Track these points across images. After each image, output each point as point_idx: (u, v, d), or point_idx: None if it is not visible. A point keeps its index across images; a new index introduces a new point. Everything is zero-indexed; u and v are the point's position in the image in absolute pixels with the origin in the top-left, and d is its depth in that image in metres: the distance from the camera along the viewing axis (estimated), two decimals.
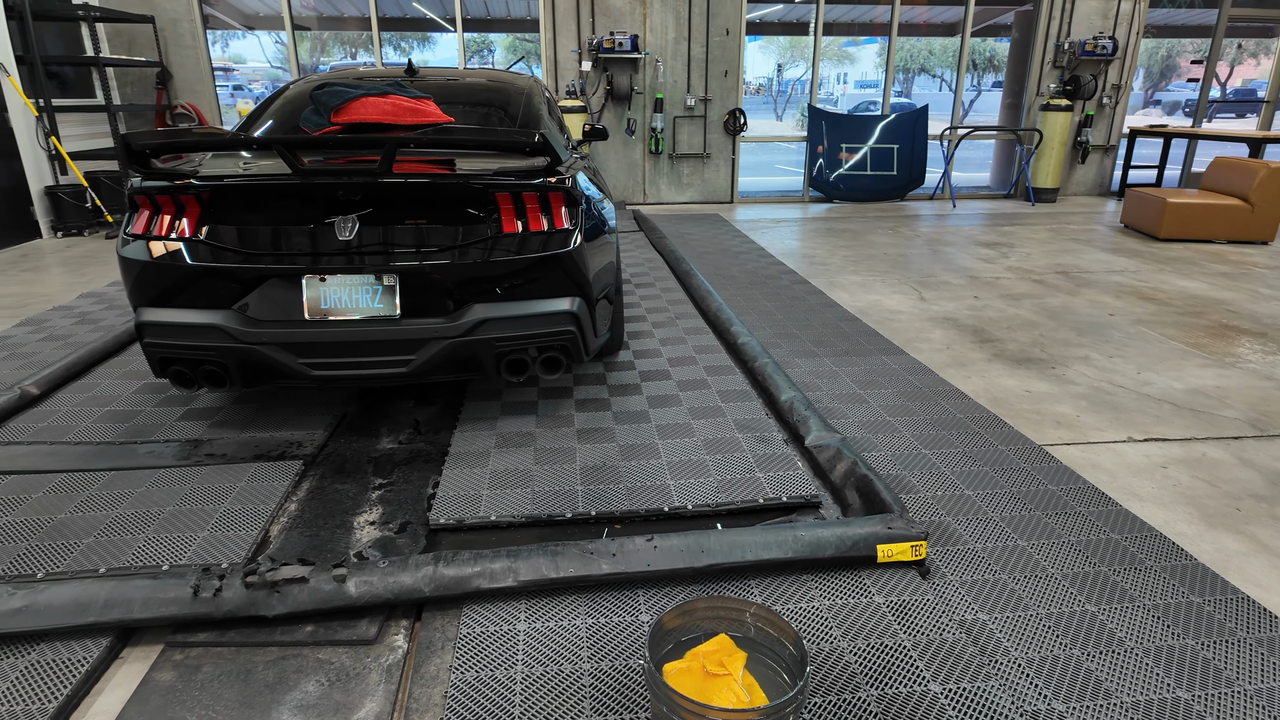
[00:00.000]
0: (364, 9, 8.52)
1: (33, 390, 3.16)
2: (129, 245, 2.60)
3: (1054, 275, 5.62)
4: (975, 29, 10.18)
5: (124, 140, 2.42)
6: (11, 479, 2.56)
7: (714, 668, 1.49)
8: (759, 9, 11.40)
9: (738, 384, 3.40)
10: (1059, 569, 2.14)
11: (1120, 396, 3.40)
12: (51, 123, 6.83)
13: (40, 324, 4.32)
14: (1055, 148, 9.06)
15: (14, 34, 6.64)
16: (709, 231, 7.36)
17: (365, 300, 2.60)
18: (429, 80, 3.65)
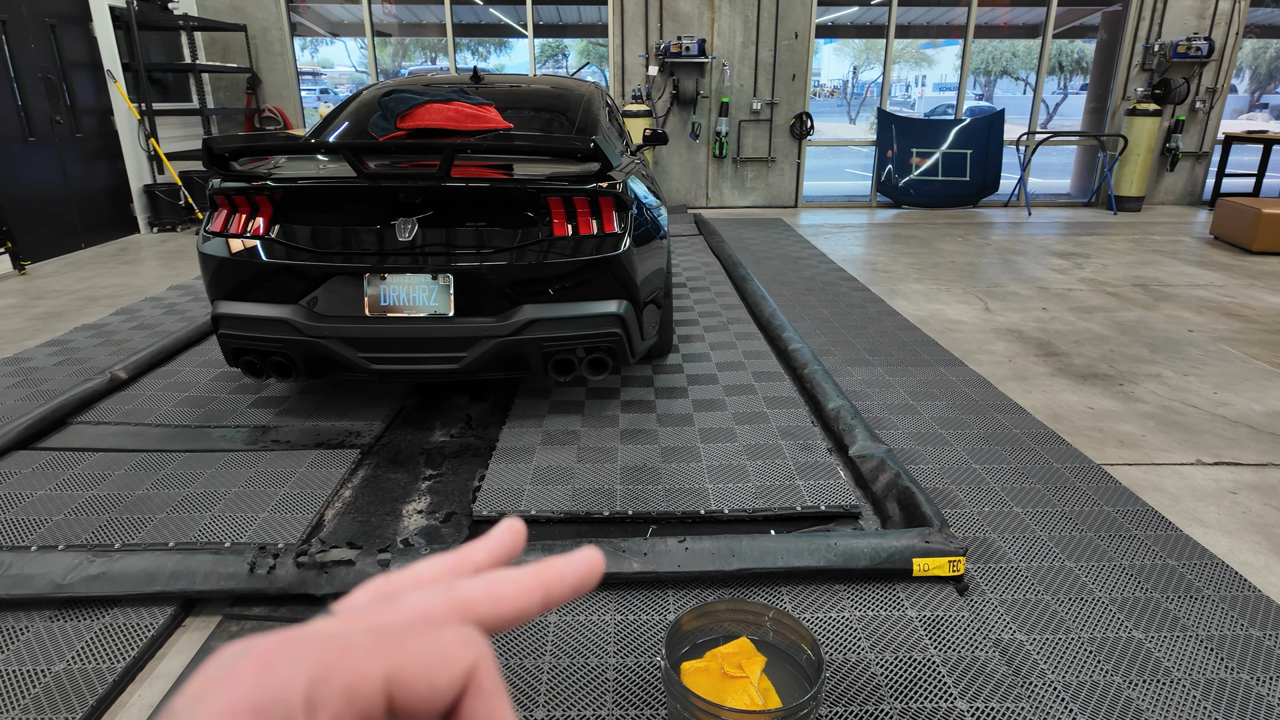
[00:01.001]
0: (441, 16, 8.80)
1: (121, 375, 3.41)
2: (208, 242, 2.78)
3: (1131, 288, 5.38)
4: (1060, 30, 9.80)
5: (205, 144, 2.59)
6: (99, 456, 2.77)
7: (732, 670, 1.51)
8: (831, 12, 11.25)
9: (785, 390, 3.39)
10: (1107, 593, 2.07)
11: (1192, 417, 3.24)
12: (151, 125, 7.30)
13: (133, 313, 4.63)
14: (1141, 154, 8.64)
15: (121, 43, 7.14)
16: (770, 236, 7.31)
17: (421, 299, 2.71)
18: (493, 87, 3.76)
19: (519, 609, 0.27)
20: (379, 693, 0.22)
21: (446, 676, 0.23)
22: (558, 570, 0.28)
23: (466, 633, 0.25)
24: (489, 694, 0.24)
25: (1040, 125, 11.88)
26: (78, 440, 2.91)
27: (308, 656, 0.22)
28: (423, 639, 0.24)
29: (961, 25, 9.13)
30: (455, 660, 0.23)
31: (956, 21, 10.66)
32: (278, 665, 0.21)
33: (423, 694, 0.23)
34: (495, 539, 0.30)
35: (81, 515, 2.39)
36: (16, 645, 1.86)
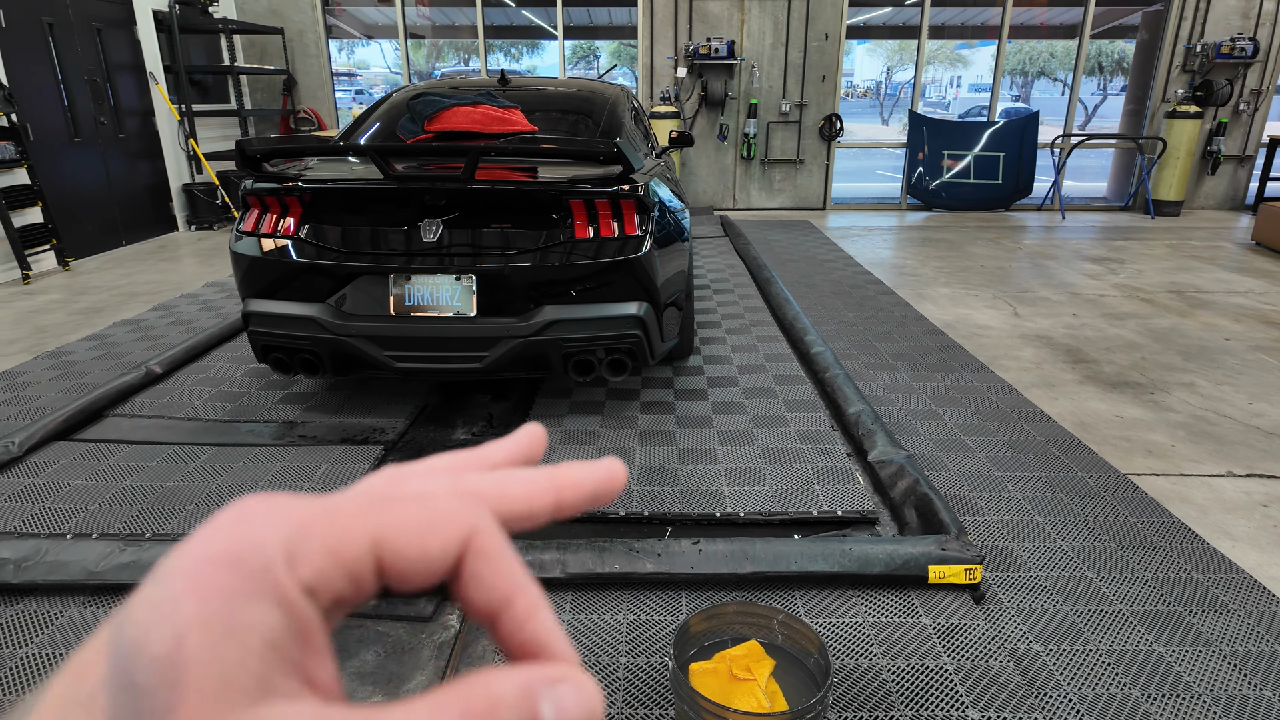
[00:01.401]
0: (473, 18, 8.90)
1: (157, 369, 3.51)
2: (240, 241, 2.86)
3: (1166, 294, 5.26)
4: (1099, 30, 9.62)
5: (238, 146, 2.66)
6: (133, 448, 2.86)
7: (740, 672, 1.52)
8: (863, 13, 11.16)
9: (806, 394, 3.38)
10: (1128, 605, 2.04)
11: (1224, 427, 3.16)
12: (191, 126, 7.49)
13: (170, 309, 4.76)
14: (1181, 157, 8.44)
15: (162, 46, 7.34)
16: (796, 238, 7.28)
17: (445, 299, 2.75)
18: (519, 90, 3.80)
19: (527, 508, 0.25)
20: (366, 552, 0.21)
21: (438, 540, 0.22)
22: (573, 475, 0.26)
23: (463, 501, 0.23)
24: (491, 557, 0.23)
25: (1078, 127, 11.68)
26: (114, 432, 3.00)
27: (291, 513, 0.21)
28: (414, 504, 0.23)
29: (996, 26, 9.00)
30: (448, 525, 0.22)
31: (992, 22, 10.50)
32: (257, 518, 0.21)
33: (413, 556, 0.22)
34: (514, 440, 0.29)
35: (115, 505, 2.47)
36: (51, 630, 1.93)
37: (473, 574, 0.22)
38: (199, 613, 0.18)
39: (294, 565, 0.20)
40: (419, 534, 0.22)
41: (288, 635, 0.19)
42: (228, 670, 0.18)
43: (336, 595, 0.21)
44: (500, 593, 0.23)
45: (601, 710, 0.21)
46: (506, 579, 0.23)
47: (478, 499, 0.24)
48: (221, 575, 0.19)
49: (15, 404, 3.27)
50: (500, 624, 0.23)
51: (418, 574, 0.22)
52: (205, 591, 0.19)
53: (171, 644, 0.18)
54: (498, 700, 0.20)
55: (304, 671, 0.20)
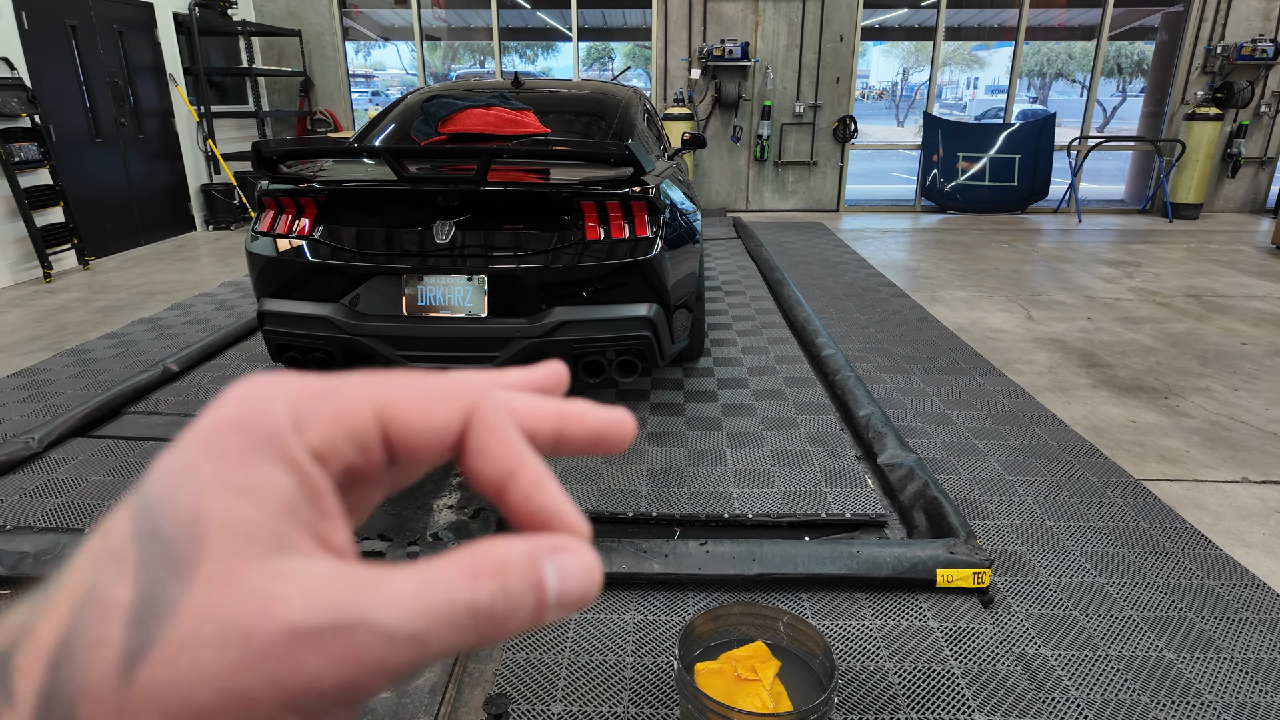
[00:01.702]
0: (489, 20, 8.95)
1: (173, 367, 3.56)
2: (256, 241, 2.89)
3: (1183, 299, 5.21)
4: (1118, 32, 9.54)
5: (254, 147, 2.70)
6: (150, 445, 2.90)
7: (745, 672, 1.52)
8: (878, 14, 11.12)
9: (816, 396, 3.37)
10: (1139, 611, 2.03)
11: (1240, 433, 3.13)
12: (209, 127, 7.58)
13: (187, 308, 4.82)
14: (1200, 160, 8.35)
15: (182, 48, 7.43)
16: (809, 240, 7.27)
17: (457, 299, 2.77)
18: (532, 92, 3.82)
19: (528, 425, 0.25)
20: (371, 420, 0.22)
21: (442, 410, 0.23)
22: (580, 410, 0.26)
23: (466, 378, 0.24)
24: (494, 430, 0.23)
25: (1097, 129, 11.59)
26: (131, 429, 3.05)
27: (297, 385, 0.22)
28: (418, 378, 0.23)
29: (1014, 28, 8.94)
30: (451, 397, 0.23)
31: (1009, 24, 10.42)
32: (264, 389, 0.21)
33: (418, 425, 0.22)
34: (531, 371, 0.28)
35: None
36: None
37: (477, 447, 0.23)
38: (215, 473, 0.20)
39: (301, 431, 0.21)
40: (423, 404, 0.22)
41: (299, 497, 0.20)
42: (246, 525, 0.19)
43: (346, 462, 0.22)
44: (505, 464, 0.23)
45: (600, 579, 0.22)
46: (511, 451, 0.23)
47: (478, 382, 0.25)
48: (233, 439, 0.20)
49: (36, 400, 3.33)
50: (507, 495, 0.23)
51: (423, 444, 0.22)
52: (219, 454, 0.20)
53: (193, 500, 0.19)
54: (505, 563, 0.20)
55: (318, 533, 0.21)
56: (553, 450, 0.26)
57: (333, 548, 0.21)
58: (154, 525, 0.19)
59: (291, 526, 0.20)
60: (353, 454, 0.22)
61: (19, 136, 5.52)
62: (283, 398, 0.21)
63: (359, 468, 0.22)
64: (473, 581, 0.20)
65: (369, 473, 0.22)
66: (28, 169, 5.59)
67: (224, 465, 0.20)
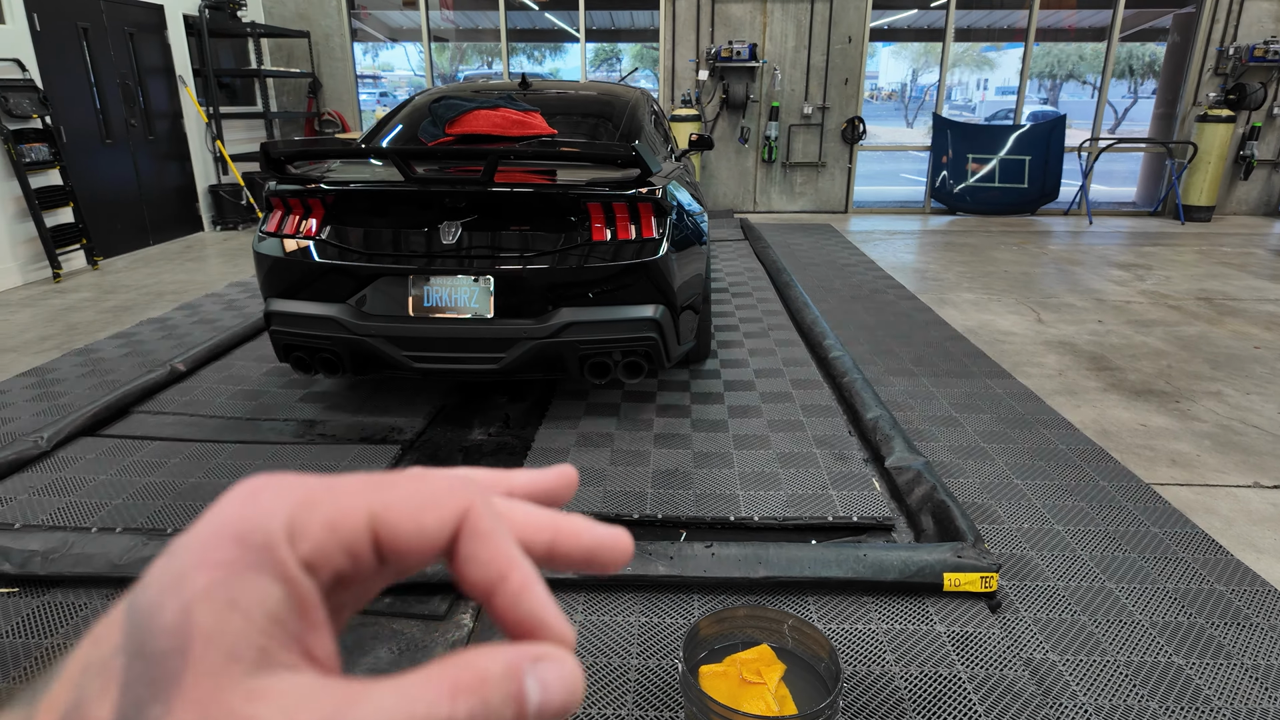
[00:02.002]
0: (497, 22, 8.97)
1: (180, 367, 3.57)
2: (263, 242, 2.90)
3: (1194, 302, 5.17)
4: (1129, 33, 9.48)
5: (263, 148, 2.71)
6: (157, 444, 2.91)
7: (750, 675, 1.52)
8: (887, 15, 11.09)
9: (823, 399, 3.36)
10: (1148, 616, 2.01)
11: (1252, 438, 3.10)
12: (218, 128, 7.62)
13: (195, 308, 4.85)
14: (1212, 162, 8.29)
15: (192, 49, 7.47)
16: (817, 242, 7.25)
17: (463, 300, 2.78)
18: (540, 93, 3.82)
19: (520, 539, 0.25)
20: (364, 529, 0.22)
21: (435, 517, 0.23)
22: (575, 527, 0.26)
23: (459, 481, 0.24)
24: (485, 536, 0.23)
25: (1108, 130, 11.52)
26: (138, 429, 3.06)
27: (294, 490, 0.22)
28: (412, 481, 0.23)
29: (1024, 29, 8.90)
30: (444, 503, 0.23)
31: (1019, 25, 10.36)
32: (262, 495, 0.22)
33: (409, 532, 0.22)
34: (542, 474, 0.29)
35: (139, 500, 2.51)
36: (76, 621, 1.97)
37: (468, 552, 0.23)
38: (206, 585, 0.20)
39: (295, 540, 0.21)
40: (415, 510, 0.22)
41: (288, 609, 0.20)
42: (231, 640, 0.19)
43: (336, 570, 0.22)
44: (494, 570, 0.23)
45: (582, 689, 0.22)
46: (500, 556, 0.23)
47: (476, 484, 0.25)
48: (227, 550, 0.20)
49: (45, 400, 3.35)
50: (495, 600, 0.23)
51: (414, 550, 0.22)
52: (212, 565, 0.20)
53: (180, 614, 0.19)
54: (485, 676, 0.21)
55: (303, 645, 0.21)
56: (545, 564, 0.26)
57: (316, 660, 0.21)
58: (141, 639, 0.19)
59: (277, 639, 0.20)
60: (344, 562, 0.22)
61: (30, 137, 5.55)
62: (280, 505, 0.21)
63: (348, 574, 0.22)
64: (451, 698, 0.20)
65: (358, 576, 0.23)
66: (38, 170, 5.63)
67: (216, 577, 0.20)
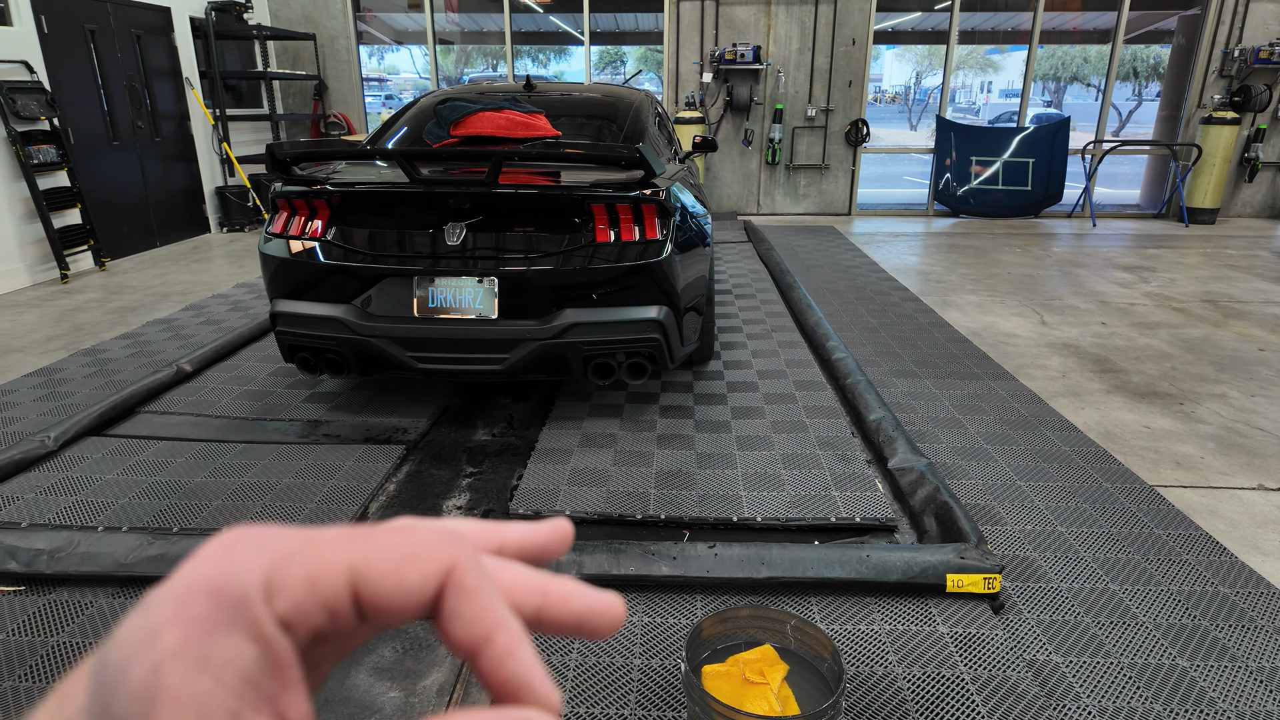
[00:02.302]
0: (502, 25, 8.99)
1: (187, 368, 3.59)
2: (269, 243, 2.92)
3: (1199, 304, 5.16)
4: (1133, 35, 9.47)
5: (269, 150, 2.72)
6: (163, 444, 2.92)
7: (753, 675, 1.52)
8: (891, 18, 11.09)
9: (826, 400, 3.36)
10: (1152, 618, 2.01)
11: (1256, 440, 3.09)
12: (224, 130, 7.65)
13: (201, 309, 4.87)
14: (1217, 164, 8.27)
15: (199, 52, 7.51)
16: (821, 244, 7.25)
17: (468, 301, 2.79)
18: (544, 95, 3.84)
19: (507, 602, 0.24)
20: (343, 585, 0.21)
21: (416, 573, 0.22)
22: (565, 591, 0.25)
23: (445, 535, 0.23)
24: (470, 593, 0.22)
25: (1112, 133, 11.50)
26: (144, 429, 3.08)
27: (273, 544, 0.21)
28: (394, 536, 0.22)
29: (1028, 31, 8.89)
30: (427, 558, 0.22)
31: (1023, 27, 10.36)
32: (239, 549, 0.21)
33: (390, 589, 0.21)
34: (536, 529, 0.28)
35: (144, 499, 2.53)
36: (81, 619, 1.98)
37: (452, 610, 0.22)
38: (177, 644, 0.19)
39: (271, 597, 0.20)
40: (396, 566, 0.22)
41: (261, 669, 0.20)
42: (200, 703, 0.18)
43: (314, 628, 0.21)
44: (480, 629, 0.22)
45: None
46: (486, 615, 0.22)
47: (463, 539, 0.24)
48: (201, 606, 0.20)
49: (52, 400, 3.36)
50: (480, 660, 0.22)
51: (395, 607, 0.22)
52: (184, 623, 0.19)
53: (149, 674, 0.18)
54: None
55: (275, 706, 0.20)
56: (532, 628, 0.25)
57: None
58: (106, 699, 0.18)
59: (249, 701, 0.19)
60: (322, 620, 0.21)
61: (38, 139, 5.59)
62: (257, 560, 0.21)
63: (326, 631, 0.21)
64: None
65: (337, 633, 0.22)
66: (46, 171, 5.66)
67: (188, 634, 0.19)
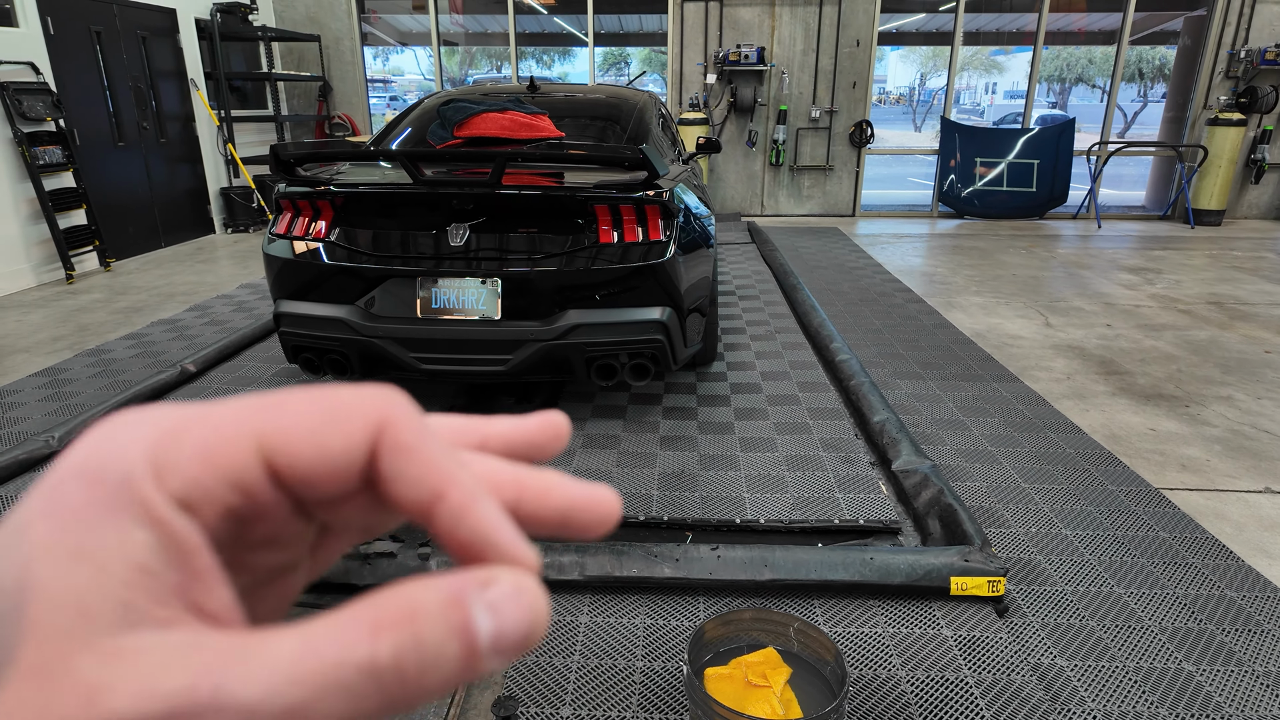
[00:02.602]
0: (506, 26, 9.00)
1: (190, 368, 3.59)
2: (272, 244, 2.92)
3: (1205, 306, 5.14)
4: (1139, 36, 9.44)
5: (272, 150, 2.72)
6: None
7: (756, 679, 1.51)
8: (895, 19, 11.08)
9: (830, 402, 3.35)
10: (1157, 622, 1.99)
11: (1263, 443, 3.08)
12: (229, 131, 7.67)
13: (205, 310, 4.88)
14: (1223, 165, 8.24)
15: (204, 53, 7.53)
16: (824, 245, 7.24)
17: (471, 302, 2.79)
18: (548, 96, 3.84)
19: None
20: (251, 456, 0.18)
21: (340, 434, 0.19)
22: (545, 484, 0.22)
23: (374, 393, 0.20)
24: (410, 450, 0.19)
25: (1118, 134, 11.47)
26: None
27: (160, 422, 0.18)
28: (310, 399, 0.19)
29: (1033, 32, 8.87)
30: (351, 416, 0.19)
31: (1028, 28, 10.33)
32: (120, 430, 0.18)
33: (309, 456, 0.18)
34: (521, 421, 0.24)
35: None
36: None
37: (392, 471, 0.19)
38: (49, 534, 0.17)
39: (161, 475, 0.18)
40: (314, 430, 0.19)
41: (158, 556, 0.17)
42: (81, 596, 0.16)
43: (224, 507, 0.18)
44: (427, 487, 0.19)
45: (546, 618, 0.18)
46: (433, 471, 0.19)
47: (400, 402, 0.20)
48: (76, 492, 0.17)
49: (56, 400, 3.37)
50: (435, 523, 0.19)
51: (320, 475, 0.19)
52: (57, 512, 0.17)
53: (18, 571, 0.16)
54: (417, 609, 0.17)
55: (187, 597, 0.17)
56: None
57: (208, 614, 0.17)
58: None
59: (146, 592, 0.17)
60: (231, 497, 0.18)
61: (44, 140, 5.61)
62: (140, 437, 0.18)
63: (243, 511, 0.19)
64: (372, 636, 0.16)
65: (263, 514, 0.19)
66: (52, 172, 5.68)
67: (60, 524, 0.17)
